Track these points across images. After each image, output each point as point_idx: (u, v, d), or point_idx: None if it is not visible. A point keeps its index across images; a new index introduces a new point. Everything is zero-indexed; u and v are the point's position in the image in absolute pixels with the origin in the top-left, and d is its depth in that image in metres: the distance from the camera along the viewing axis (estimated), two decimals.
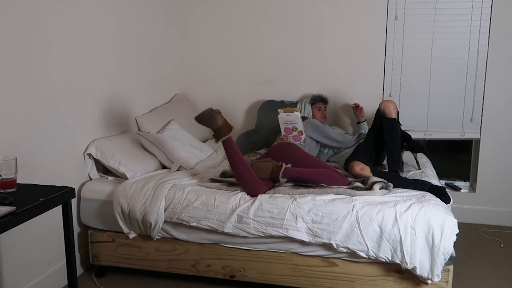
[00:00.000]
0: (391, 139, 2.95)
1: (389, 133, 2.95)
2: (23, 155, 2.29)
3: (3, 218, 1.71)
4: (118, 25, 3.14)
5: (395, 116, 2.96)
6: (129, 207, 2.64)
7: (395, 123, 2.96)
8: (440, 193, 2.55)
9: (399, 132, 2.98)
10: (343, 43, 3.76)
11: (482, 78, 3.57)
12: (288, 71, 3.90)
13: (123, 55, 3.22)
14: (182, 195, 2.61)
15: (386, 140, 2.97)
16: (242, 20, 3.92)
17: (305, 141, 3.10)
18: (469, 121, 3.65)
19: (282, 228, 2.45)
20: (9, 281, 2.34)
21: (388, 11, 3.63)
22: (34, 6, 2.38)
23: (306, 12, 3.78)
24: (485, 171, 3.68)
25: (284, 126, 3.11)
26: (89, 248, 2.83)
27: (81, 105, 2.80)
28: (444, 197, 2.52)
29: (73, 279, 2.14)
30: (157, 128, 3.38)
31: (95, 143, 2.85)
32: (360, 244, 2.37)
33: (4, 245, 2.30)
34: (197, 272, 2.68)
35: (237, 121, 4.05)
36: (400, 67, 3.69)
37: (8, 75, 2.25)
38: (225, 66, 4.02)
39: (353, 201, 2.45)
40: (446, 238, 2.27)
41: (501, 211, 3.66)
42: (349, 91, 3.77)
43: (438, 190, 2.58)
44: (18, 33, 2.29)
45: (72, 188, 2.05)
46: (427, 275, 2.30)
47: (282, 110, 3.11)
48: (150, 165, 3.00)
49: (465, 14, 3.52)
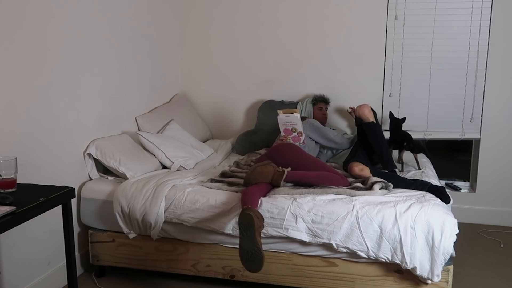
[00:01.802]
0: (376, 142, 2.99)
1: (372, 137, 3.01)
2: (23, 155, 2.29)
3: (3, 218, 1.71)
4: (118, 25, 3.14)
5: (372, 119, 3.00)
6: (129, 207, 2.64)
7: (374, 126, 3.01)
8: (440, 193, 2.55)
9: (381, 134, 3.03)
10: (343, 43, 3.76)
11: (482, 78, 3.57)
12: (288, 71, 3.90)
13: (123, 55, 3.22)
14: (183, 196, 2.61)
15: (372, 144, 3.00)
16: (242, 20, 3.92)
17: (304, 142, 3.10)
18: (469, 121, 3.65)
19: (282, 228, 2.45)
20: (9, 281, 2.34)
21: (388, 11, 3.63)
22: (34, 6, 2.38)
23: (306, 12, 3.78)
24: (485, 171, 3.68)
25: (284, 127, 3.11)
26: (89, 248, 2.83)
27: (81, 105, 2.80)
28: (444, 197, 2.52)
29: (73, 279, 2.14)
30: (157, 128, 3.38)
31: (95, 143, 2.85)
32: (360, 244, 2.37)
33: (4, 245, 2.30)
34: (197, 272, 2.68)
35: (237, 121, 4.05)
36: (400, 67, 3.69)
37: (8, 75, 2.24)
38: (225, 66, 4.02)
39: (353, 201, 2.45)
40: (446, 238, 2.27)
41: (501, 211, 3.66)
42: (349, 91, 3.77)
43: (438, 190, 2.58)
44: (18, 33, 2.29)
45: (72, 188, 2.05)
46: (427, 275, 2.30)
47: (281, 111, 3.11)
48: (150, 165, 3.00)
49: (465, 14, 3.52)
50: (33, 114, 2.42)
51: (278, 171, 2.62)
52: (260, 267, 2.14)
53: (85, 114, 2.84)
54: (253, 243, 2.13)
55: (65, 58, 2.63)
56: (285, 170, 2.63)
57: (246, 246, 2.14)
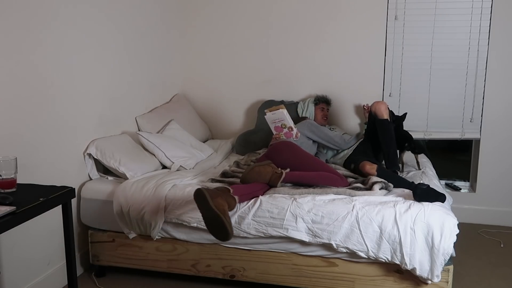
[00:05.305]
0: (385, 140, 2.97)
1: (383, 134, 2.98)
2: (23, 155, 2.29)
3: (3, 218, 1.71)
4: (118, 25, 3.14)
5: (387, 117, 2.98)
6: (129, 207, 2.64)
7: (387, 124, 2.98)
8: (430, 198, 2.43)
9: (392, 132, 3.00)
10: (343, 43, 3.76)
11: (482, 78, 3.57)
12: (288, 71, 3.90)
13: (123, 55, 3.22)
14: (183, 196, 2.61)
15: (380, 141, 2.99)
16: (242, 20, 3.92)
17: (297, 136, 3.10)
18: (469, 121, 3.65)
19: (282, 228, 2.45)
20: (9, 281, 2.34)
21: (388, 11, 3.63)
22: (34, 6, 2.37)
23: (307, 12, 3.78)
24: (485, 171, 3.68)
25: (273, 125, 3.12)
26: (89, 248, 2.83)
27: (81, 105, 2.80)
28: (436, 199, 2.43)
29: (73, 279, 2.14)
30: (157, 128, 3.38)
31: (95, 143, 2.85)
32: (360, 245, 2.37)
33: (4, 245, 2.30)
34: (197, 272, 2.68)
35: (237, 121, 4.05)
36: (400, 67, 3.69)
37: (8, 75, 2.24)
38: (225, 66, 4.02)
39: (353, 201, 2.45)
40: (446, 239, 2.27)
41: (501, 211, 3.66)
42: (349, 91, 3.77)
43: (426, 193, 2.45)
44: (18, 33, 2.29)
45: (72, 188, 2.05)
46: (427, 276, 2.30)
47: (267, 110, 3.12)
48: (150, 165, 3.00)
49: (465, 14, 3.52)
50: (33, 114, 2.42)
51: (276, 173, 2.62)
52: (227, 232, 2.21)
53: (85, 114, 2.84)
54: (210, 211, 2.21)
55: (65, 58, 2.63)
56: (283, 172, 2.63)
57: (207, 217, 2.25)
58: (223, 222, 2.20)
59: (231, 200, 2.38)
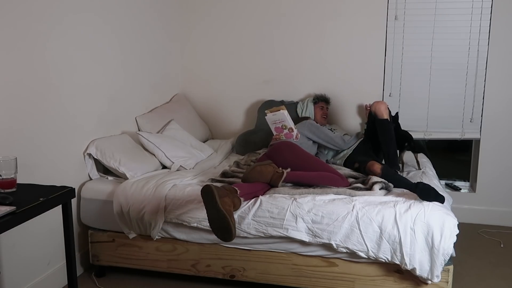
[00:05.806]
0: (385, 140, 2.97)
1: (383, 134, 2.98)
2: (23, 155, 2.29)
3: (3, 218, 1.71)
4: (118, 25, 3.14)
5: (387, 117, 2.98)
6: (129, 207, 2.64)
7: (387, 124, 2.98)
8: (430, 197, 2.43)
9: (392, 132, 3.00)
10: (343, 43, 3.76)
11: (482, 78, 3.57)
12: (287, 71, 3.90)
13: (124, 55, 3.22)
14: (183, 196, 2.61)
15: (380, 141, 2.99)
16: (242, 20, 3.92)
17: (297, 137, 3.10)
18: (469, 121, 3.65)
19: (282, 228, 2.45)
20: (9, 281, 2.34)
21: (388, 11, 3.63)
22: (35, 6, 2.37)
23: (307, 12, 3.78)
24: (485, 171, 3.68)
25: (274, 125, 3.12)
26: (89, 248, 2.83)
27: (81, 105, 2.80)
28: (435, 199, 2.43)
29: (73, 279, 2.14)
30: (157, 128, 3.38)
31: (95, 143, 2.85)
32: (360, 245, 2.37)
33: (4, 245, 2.30)
34: (197, 272, 2.68)
35: (237, 121, 4.05)
36: (400, 67, 3.69)
37: (8, 75, 2.24)
38: (225, 66, 4.02)
39: (353, 201, 2.45)
40: (445, 239, 2.27)
41: (501, 211, 3.66)
42: (349, 91, 3.77)
43: (428, 190, 2.45)
44: (19, 34, 2.29)
45: (72, 188, 2.05)
46: (426, 276, 2.30)
47: (268, 111, 3.12)
48: (150, 165, 3.00)
49: (465, 14, 3.52)
50: (33, 114, 2.42)
51: (277, 172, 2.62)
52: (231, 233, 2.18)
53: (85, 114, 2.84)
54: (217, 211, 2.18)
55: (65, 59, 2.63)
56: (285, 172, 2.63)
57: (212, 216, 2.21)
58: (229, 224, 2.18)
59: (237, 201, 2.36)
